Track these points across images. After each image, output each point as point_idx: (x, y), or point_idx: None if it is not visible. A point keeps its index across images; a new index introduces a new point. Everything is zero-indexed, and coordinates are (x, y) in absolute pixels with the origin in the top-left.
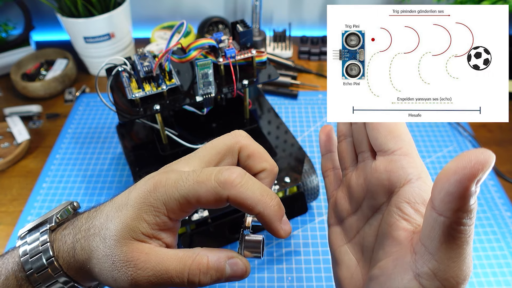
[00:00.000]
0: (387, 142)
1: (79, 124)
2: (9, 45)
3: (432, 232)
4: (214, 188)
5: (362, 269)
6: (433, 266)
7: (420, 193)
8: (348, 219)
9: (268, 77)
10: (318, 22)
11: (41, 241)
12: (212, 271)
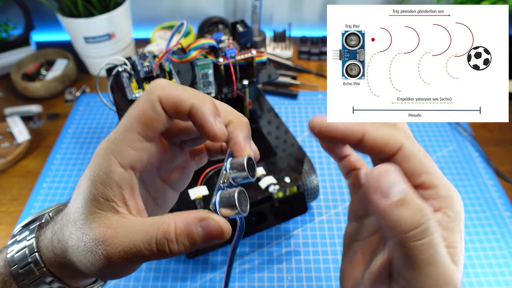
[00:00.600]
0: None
1: (79, 124)
2: (10, 45)
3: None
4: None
5: (363, 269)
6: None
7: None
8: (366, 220)
9: (268, 77)
10: (318, 22)
11: (28, 238)
12: (182, 238)
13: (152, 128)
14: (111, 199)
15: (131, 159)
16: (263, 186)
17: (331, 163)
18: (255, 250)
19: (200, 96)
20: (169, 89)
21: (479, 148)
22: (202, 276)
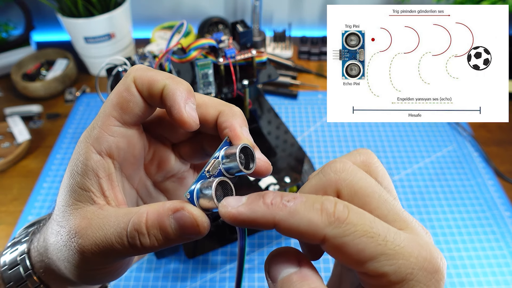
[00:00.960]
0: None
1: (80, 124)
2: (10, 45)
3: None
4: (125, 84)
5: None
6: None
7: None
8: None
9: (268, 77)
10: (318, 22)
11: (22, 241)
12: (154, 230)
13: (128, 111)
14: (89, 188)
15: (108, 145)
16: (263, 186)
17: None
18: (255, 250)
19: (175, 79)
20: (144, 71)
21: (479, 148)
22: (202, 276)
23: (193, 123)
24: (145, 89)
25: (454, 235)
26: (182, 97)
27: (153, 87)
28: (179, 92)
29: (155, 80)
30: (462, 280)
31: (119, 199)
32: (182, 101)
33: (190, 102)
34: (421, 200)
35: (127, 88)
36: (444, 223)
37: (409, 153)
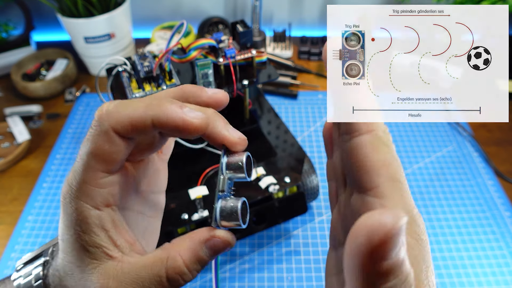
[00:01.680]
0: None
1: (80, 124)
2: (10, 45)
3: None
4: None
5: None
6: None
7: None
8: (340, 249)
9: (268, 77)
10: (318, 22)
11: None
12: (193, 266)
13: (113, 162)
14: (100, 245)
15: (102, 198)
16: (263, 186)
17: None
18: (255, 250)
19: (155, 103)
20: (119, 112)
21: (479, 148)
22: (202, 276)
23: (204, 122)
24: (129, 131)
25: (454, 235)
26: (180, 113)
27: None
28: (171, 111)
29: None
30: (462, 280)
31: (131, 241)
32: (183, 115)
33: (185, 107)
34: (421, 200)
35: (108, 139)
36: (444, 223)
37: (409, 153)
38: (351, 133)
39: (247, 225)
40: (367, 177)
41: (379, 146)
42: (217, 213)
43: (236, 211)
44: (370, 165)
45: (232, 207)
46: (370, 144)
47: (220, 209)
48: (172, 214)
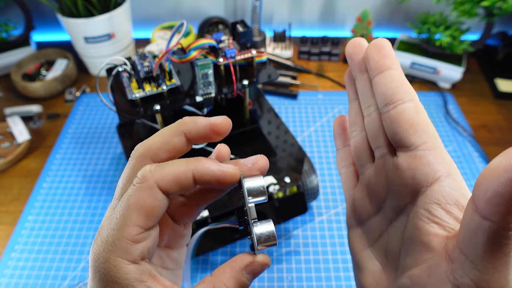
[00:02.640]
0: (409, 136)
1: (80, 124)
2: (10, 45)
3: (474, 238)
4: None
5: (387, 276)
6: (475, 277)
7: (452, 192)
8: (370, 221)
9: (268, 77)
10: (318, 22)
11: None
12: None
13: (153, 216)
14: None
15: (139, 252)
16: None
17: (331, 163)
18: None
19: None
20: (163, 169)
21: (479, 148)
22: (202, 276)
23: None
24: (173, 186)
25: None
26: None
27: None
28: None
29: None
30: None
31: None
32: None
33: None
34: None
35: (152, 195)
36: None
37: None
38: (395, 102)
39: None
40: (416, 135)
41: (421, 111)
42: (255, 240)
43: (273, 234)
44: (418, 125)
45: (268, 232)
46: (414, 109)
47: (258, 236)
48: None
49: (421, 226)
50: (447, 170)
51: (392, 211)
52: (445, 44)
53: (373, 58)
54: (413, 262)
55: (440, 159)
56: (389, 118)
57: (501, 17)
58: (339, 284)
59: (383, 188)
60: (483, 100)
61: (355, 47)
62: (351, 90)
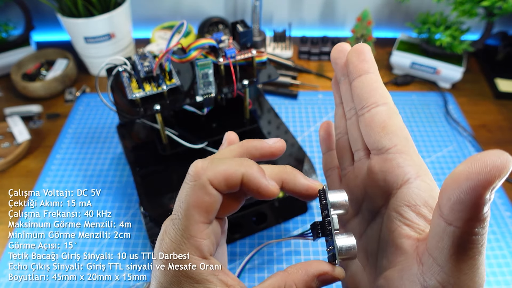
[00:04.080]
0: (380, 139)
1: (80, 124)
2: (10, 45)
3: (440, 242)
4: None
5: (368, 276)
6: (442, 279)
7: (420, 194)
8: (350, 223)
9: (268, 77)
10: (318, 22)
11: None
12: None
13: (212, 212)
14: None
15: (208, 248)
16: None
17: None
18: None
19: (246, 163)
20: (214, 168)
21: (479, 148)
22: None
23: (278, 191)
24: (223, 185)
25: None
26: (262, 176)
27: (232, 181)
28: (258, 173)
29: (232, 174)
30: None
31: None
32: (264, 180)
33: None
34: None
35: (207, 192)
36: None
37: None
38: (369, 106)
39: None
40: (387, 138)
41: (393, 114)
42: (337, 253)
43: (355, 247)
44: (389, 129)
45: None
46: (386, 112)
47: (340, 248)
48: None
49: (394, 229)
50: (416, 172)
51: (369, 213)
52: (445, 44)
53: (353, 62)
54: (388, 264)
55: (410, 161)
56: (363, 121)
57: (501, 17)
58: (339, 284)
59: (360, 191)
60: (483, 100)
61: (339, 52)
62: (337, 94)
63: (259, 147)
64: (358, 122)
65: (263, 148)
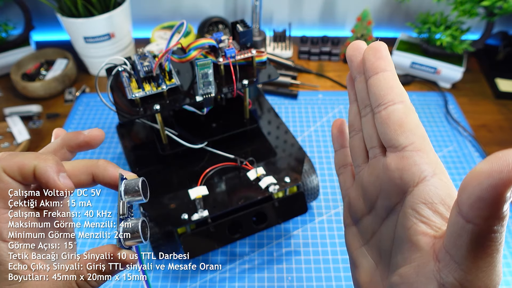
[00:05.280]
0: (397, 137)
1: (79, 124)
2: (9, 45)
3: (458, 240)
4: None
5: (381, 273)
6: (459, 277)
7: (437, 192)
8: (364, 220)
9: (268, 77)
10: (318, 22)
11: None
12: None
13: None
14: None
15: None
16: (263, 186)
17: (331, 163)
18: (255, 250)
19: (42, 157)
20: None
21: (479, 148)
22: (202, 276)
23: (70, 189)
24: (17, 175)
25: None
26: (54, 171)
27: (24, 171)
28: (49, 167)
29: (24, 164)
30: None
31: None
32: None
33: (61, 172)
34: None
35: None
36: None
37: None
38: (386, 103)
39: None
40: (404, 136)
41: (410, 112)
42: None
43: (138, 230)
44: (406, 126)
45: (134, 228)
46: (403, 110)
47: (123, 230)
48: (172, 214)
49: (410, 226)
50: (433, 170)
51: (384, 211)
52: (445, 44)
53: (369, 60)
54: (403, 261)
55: (427, 159)
56: (379, 119)
57: (501, 17)
58: (339, 284)
59: (375, 188)
60: (483, 100)
61: (355, 50)
62: (352, 91)
63: (74, 138)
64: (374, 120)
65: (78, 138)
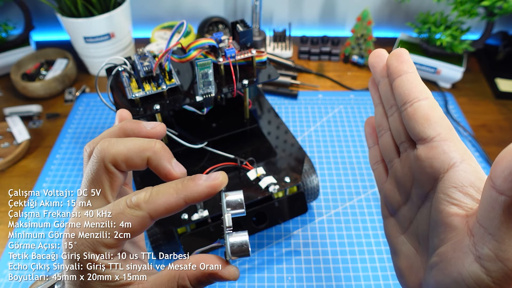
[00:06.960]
0: (424, 130)
1: (79, 124)
2: (9, 45)
3: (491, 212)
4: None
5: (421, 258)
6: (493, 247)
7: (467, 176)
8: (400, 210)
9: (268, 77)
10: (318, 22)
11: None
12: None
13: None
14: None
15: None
16: (263, 186)
17: (331, 163)
18: (255, 250)
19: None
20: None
21: (479, 148)
22: None
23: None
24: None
25: None
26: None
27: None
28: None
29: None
30: None
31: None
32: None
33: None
34: None
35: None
36: None
37: None
38: (411, 101)
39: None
40: (431, 128)
41: (435, 107)
42: (229, 249)
43: (247, 244)
44: (432, 119)
45: (242, 243)
46: (428, 105)
47: (231, 244)
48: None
49: (442, 209)
50: (461, 157)
51: (419, 199)
52: (445, 44)
53: (393, 64)
54: (440, 242)
55: (454, 147)
56: (406, 115)
57: (501, 17)
58: (339, 284)
59: (408, 179)
60: (483, 100)
61: (377, 57)
62: (376, 95)
63: (136, 131)
64: (401, 117)
65: (140, 132)
